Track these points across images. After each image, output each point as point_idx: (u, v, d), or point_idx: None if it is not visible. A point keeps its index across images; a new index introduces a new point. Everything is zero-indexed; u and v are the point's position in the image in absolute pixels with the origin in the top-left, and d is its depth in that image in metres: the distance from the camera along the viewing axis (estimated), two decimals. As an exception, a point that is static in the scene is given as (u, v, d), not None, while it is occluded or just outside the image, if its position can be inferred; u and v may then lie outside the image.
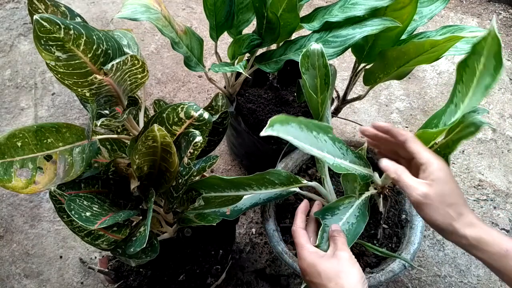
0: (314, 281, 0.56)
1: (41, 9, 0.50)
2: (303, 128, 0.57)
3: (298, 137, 0.55)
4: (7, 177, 0.53)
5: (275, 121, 0.54)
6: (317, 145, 0.58)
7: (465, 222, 0.52)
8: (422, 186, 0.53)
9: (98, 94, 0.54)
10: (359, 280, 0.55)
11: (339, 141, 0.63)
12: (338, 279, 0.54)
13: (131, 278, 0.85)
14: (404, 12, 0.74)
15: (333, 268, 0.55)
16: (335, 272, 0.55)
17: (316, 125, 0.60)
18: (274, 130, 0.53)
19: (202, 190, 0.73)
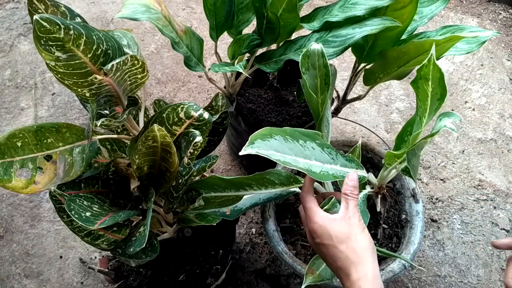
0: (325, 243, 0.57)
1: (41, 9, 0.50)
2: (288, 139, 0.58)
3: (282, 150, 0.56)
4: (7, 177, 0.53)
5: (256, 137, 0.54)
6: (304, 153, 0.59)
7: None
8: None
9: (98, 94, 0.54)
10: (368, 244, 0.56)
11: (327, 146, 0.63)
12: (349, 241, 0.55)
13: (131, 278, 0.85)
14: (404, 12, 0.74)
15: (345, 231, 0.56)
16: (347, 234, 0.56)
17: (303, 133, 0.60)
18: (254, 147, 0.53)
19: (202, 190, 0.73)
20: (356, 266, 0.54)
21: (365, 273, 0.53)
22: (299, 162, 0.57)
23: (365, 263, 0.54)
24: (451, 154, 1.31)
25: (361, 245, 0.56)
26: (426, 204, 1.21)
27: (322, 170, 0.59)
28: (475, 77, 1.50)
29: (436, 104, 0.56)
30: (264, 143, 0.55)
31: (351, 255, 0.55)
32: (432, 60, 0.53)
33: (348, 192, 0.59)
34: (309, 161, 0.58)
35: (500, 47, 1.58)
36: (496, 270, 1.10)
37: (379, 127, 1.38)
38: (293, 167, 0.56)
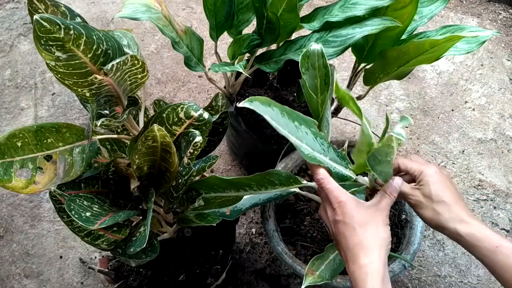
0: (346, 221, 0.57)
1: (41, 9, 0.50)
2: (285, 115, 0.58)
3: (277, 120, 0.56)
4: (7, 177, 0.53)
5: (256, 99, 0.54)
6: (296, 134, 0.58)
7: (456, 219, 0.57)
8: (413, 190, 0.62)
9: (98, 94, 0.54)
10: (385, 239, 0.56)
11: (321, 137, 0.63)
12: (368, 227, 0.56)
13: (131, 278, 0.85)
14: (405, 12, 0.74)
15: (368, 217, 0.57)
16: (369, 221, 0.56)
17: (300, 117, 0.60)
18: (252, 105, 0.54)
19: (202, 190, 0.73)
20: (367, 252, 0.55)
21: (374, 260, 0.54)
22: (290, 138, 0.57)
23: (376, 252, 0.55)
24: (451, 154, 1.31)
25: (378, 236, 0.56)
26: (426, 204, 1.21)
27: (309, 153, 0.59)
28: (475, 77, 1.50)
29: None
30: (262, 107, 0.55)
31: (365, 240, 0.55)
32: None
33: (388, 191, 0.60)
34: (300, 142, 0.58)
35: (500, 47, 1.58)
36: (496, 270, 1.10)
37: (379, 127, 1.38)
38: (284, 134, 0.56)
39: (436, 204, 0.59)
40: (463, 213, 0.58)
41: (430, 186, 0.60)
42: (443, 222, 0.58)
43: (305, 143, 0.59)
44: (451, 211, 0.58)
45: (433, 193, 0.59)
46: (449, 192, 0.60)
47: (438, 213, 0.58)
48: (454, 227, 0.57)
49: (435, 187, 0.60)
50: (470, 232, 0.56)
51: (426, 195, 0.60)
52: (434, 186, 0.60)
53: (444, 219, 0.58)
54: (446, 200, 0.59)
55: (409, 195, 0.62)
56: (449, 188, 0.60)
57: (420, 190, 0.61)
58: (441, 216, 0.58)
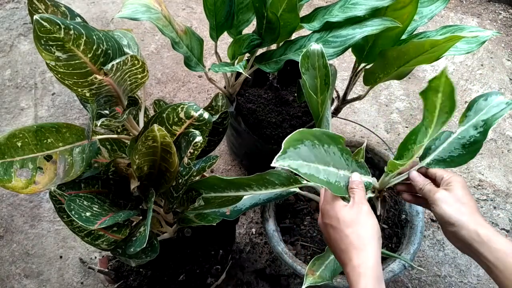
0: (332, 225, 0.61)
1: (41, 9, 0.50)
2: (315, 144, 0.60)
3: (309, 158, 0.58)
4: (7, 177, 0.53)
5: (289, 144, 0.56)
6: (325, 160, 0.61)
7: (476, 221, 0.59)
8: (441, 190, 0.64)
9: (98, 94, 0.54)
10: (375, 232, 0.58)
11: (346, 152, 0.65)
12: (355, 226, 0.58)
13: (131, 278, 0.85)
14: (405, 12, 0.74)
15: (353, 217, 0.59)
16: (354, 220, 0.59)
17: (329, 136, 0.62)
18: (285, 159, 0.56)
19: (202, 190, 0.73)
20: (358, 252, 0.56)
21: (366, 260, 0.55)
22: (320, 172, 0.59)
23: (367, 250, 0.56)
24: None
25: (367, 232, 0.58)
26: (426, 204, 1.21)
27: (336, 180, 0.62)
28: (475, 77, 1.50)
29: (443, 117, 0.57)
30: (295, 152, 0.57)
31: (355, 240, 0.57)
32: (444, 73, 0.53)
33: (353, 186, 0.63)
34: (327, 167, 0.61)
35: (500, 47, 1.58)
36: (496, 270, 1.10)
37: (379, 127, 1.38)
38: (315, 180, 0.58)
39: (462, 204, 0.61)
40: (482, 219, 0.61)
41: (460, 189, 0.63)
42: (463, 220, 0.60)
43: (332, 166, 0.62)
44: (473, 214, 0.60)
45: (461, 194, 0.62)
46: (473, 200, 0.63)
47: (462, 212, 0.60)
48: (474, 227, 0.58)
49: (463, 191, 0.63)
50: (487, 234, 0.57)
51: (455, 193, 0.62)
52: (463, 189, 0.63)
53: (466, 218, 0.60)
54: (470, 204, 0.62)
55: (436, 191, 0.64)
56: (472, 197, 0.64)
57: (448, 190, 0.63)
58: (463, 215, 0.60)
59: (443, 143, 0.68)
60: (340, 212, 0.60)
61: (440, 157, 0.67)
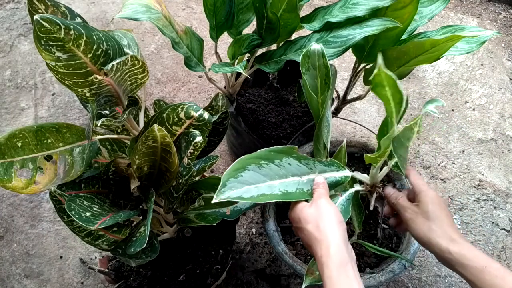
0: (298, 226, 0.63)
1: (41, 9, 0.50)
2: (262, 165, 0.62)
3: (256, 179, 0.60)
4: (7, 177, 0.53)
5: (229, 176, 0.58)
6: (279, 174, 0.63)
7: (449, 238, 0.60)
8: (410, 209, 0.66)
9: (98, 94, 0.54)
10: (334, 219, 0.60)
11: (304, 158, 0.67)
12: (316, 221, 0.60)
13: (131, 278, 0.85)
14: (405, 12, 0.74)
15: (312, 213, 0.61)
16: (314, 216, 0.60)
17: (278, 151, 0.64)
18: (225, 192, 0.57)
19: (202, 190, 0.73)
20: (321, 244, 0.58)
21: (327, 249, 0.56)
22: (274, 187, 0.61)
23: (328, 239, 0.57)
24: (451, 154, 1.31)
25: (326, 222, 0.59)
26: (426, 204, 1.21)
27: (297, 188, 0.64)
28: (475, 77, 1.50)
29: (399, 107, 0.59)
30: (237, 181, 0.59)
31: (316, 233, 0.59)
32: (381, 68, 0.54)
33: (315, 187, 0.65)
34: (285, 179, 0.63)
35: (500, 47, 1.58)
36: (496, 270, 1.10)
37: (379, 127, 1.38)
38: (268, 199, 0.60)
39: (432, 221, 0.62)
40: (455, 234, 0.61)
41: (429, 204, 0.64)
42: (435, 239, 0.61)
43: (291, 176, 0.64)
44: (444, 230, 0.61)
45: (430, 211, 0.63)
46: (444, 213, 0.63)
47: (432, 230, 0.61)
48: (446, 245, 0.59)
49: (433, 207, 0.63)
50: (460, 251, 0.58)
51: (424, 211, 0.64)
52: (432, 205, 0.64)
53: (437, 236, 0.61)
54: (441, 219, 0.62)
55: (407, 208, 0.66)
56: (444, 210, 0.64)
57: (418, 206, 0.65)
58: (434, 233, 0.61)
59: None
60: (302, 213, 0.62)
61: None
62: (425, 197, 0.65)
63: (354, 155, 0.98)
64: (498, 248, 1.14)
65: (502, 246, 1.14)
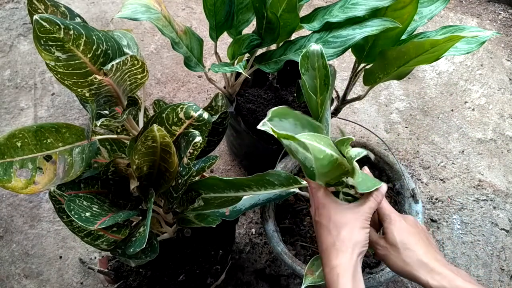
0: (323, 222, 0.58)
1: (40, 9, 0.50)
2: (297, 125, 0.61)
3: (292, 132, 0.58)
4: (6, 177, 0.53)
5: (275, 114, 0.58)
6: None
7: (426, 269, 0.54)
8: (380, 239, 0.60)
9: (98, 94, 0.54)
10: (361, 241, 0.56)
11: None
12: (344, 230, 0.56)
13: (131, 278, 0.85)
14: (405, 12, 0.74)
15: (345, 220, 0.56)
16: (345, 224, 0.56)
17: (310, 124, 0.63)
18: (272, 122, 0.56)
19: (202, 190, 0.73)
20: (338, 254, 0.55)
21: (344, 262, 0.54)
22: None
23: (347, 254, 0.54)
24: (450, 154, 1.31)
25: (352, 238, 0.55)
26: (425, 204, 1.21)
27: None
28: (474, 77, 1.50)
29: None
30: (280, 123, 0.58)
31: (338, 243, 0.55)
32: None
33: (374, 195, 0.59)
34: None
35: (500, 47, 1.58)
36: (496, 270, 1.10)
37: (378, 127, 1.38)
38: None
39: (404, 252, 0.56)
40: (432, 261, 0.55)
41: (395, 234, 0.58)
42: (413, 273, 0.55)
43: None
44: (420, 261, 0.55)
45: (398, 241, 0.57)
46: (415, 240, 0.57)
47: (407, 263, 0.56)
48: (425, 278, 0.54)
49: (400, 235, 0.57)
50: (441, 285, 0.53)
51: (392, 243, 0.58)
52: (399, 235, 0.57)
53: (413, 269, 0.55)
54: (413, 249, 0.56)
55: (377, 244, 0.60)
56: (415, 236, 0.58)
57: (386, 238, 0.59)
58: (410, 267, 0.55)
59: None
60: (334, 213, 0.58)
61: None
62: (389, 226, 0.59)
63: (354, 155, 0.98)
64: (498, 248, 1.14)
65: (502, 246, 1.14)
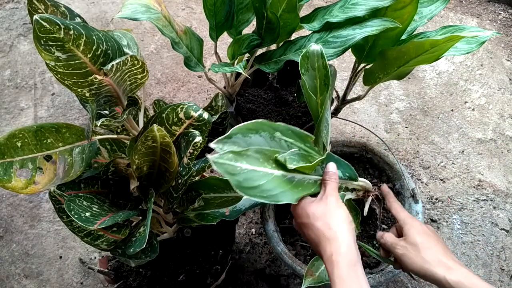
0: (304, 222, 0.61)
1: (40, 9, 0.50)
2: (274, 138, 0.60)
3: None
4: (7, 177, 0.53)
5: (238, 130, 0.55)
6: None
7: (445, 266, 0.58)
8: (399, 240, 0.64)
9: (98, 94, 0.54)
10: (344, 219, 0.59)
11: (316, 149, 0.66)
12: (325, 218, 0.58)
13: (131, 278, 0.85)
14: (405, 12, 0.74)
15: (321, 209, 0.60)
16: (323, 212, 0.59)
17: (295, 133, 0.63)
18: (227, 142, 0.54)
19: (202, 190, 0.73)
20: (330, 242, 0.57)
21: (337, 248, 0.56)
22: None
23: (339, 238, 0.56)
24: (450, 154, 1.31)
25: (336, 221, 0.58)
26: (425, 204, 1.21)
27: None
28: (474, 77, 1.50)
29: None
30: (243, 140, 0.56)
31: (326, 231, 0.58)
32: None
33: (326, 177, 0.63)
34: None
35: (500, 47, 1.58)
36: (496, 270, 1.10)
37: (378, 127, 1.38)
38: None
39: (424, 251, 0.60)
40: (450, 261, 0.59)
41: (416, 235, 0.62)
42: (431, 270, 0.58)
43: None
44: (439, 259, 0.59)
45: (419, 242, 0.61)
46: (434, 242, 0.62)
47: (426, 261, 0.59)
48: (443, 274, 0.57)
49: (421, 237, 0.62)
50: (458, 280, 0.56)
51: (413, 243, 0.62)
52: (420, 236, 0.62)
53: (432, 266, 0.59)
54: (432, 249, 0.60)
55: (396, 245, 0.64)
56: (433, 238, 0.62)
57: (406, 239, 0.63)
58: (429, 264, 0.59)
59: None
60: (309, 208, 0.60)
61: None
62: (410, 229, 0.63)
63: (354, 156, 0.98)
64: (498, 248, 1.14)
65: (502, 246, 1.14)
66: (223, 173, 0.53)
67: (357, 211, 0.77)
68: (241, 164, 0.55)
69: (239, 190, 0.54)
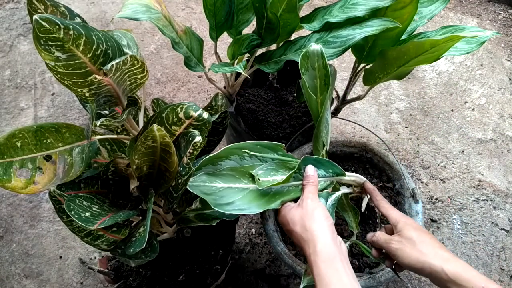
0: (287, 229, 0.63)
1: (40, 9, 0.50)
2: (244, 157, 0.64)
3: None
4: (6, 177, 0.53)
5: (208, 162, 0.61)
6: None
7: (442, 258, 0.58)
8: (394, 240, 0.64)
9: (98, 94, 0.54)
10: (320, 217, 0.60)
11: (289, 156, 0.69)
12: (303, 222, 0.60)
13: (131, 278, 0.85)
14: (405, 12, 0.74)
15: (298, 214, 0.62)
16: (300, 217, 0.61)
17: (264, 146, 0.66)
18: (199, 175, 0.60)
19: (202, 190, 0.73)
20: (308, 243, 0.58)
21: (314, 247, 0.57)
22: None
23: (314, 237, 0.58)
24: (450, 154, 1.31)
25: (312, 222, 0.60)
26: (425, 204, 1.21)
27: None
28: (474, 77, 1.50)
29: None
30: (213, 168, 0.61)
31: (303, 234, 0.59)
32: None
33: (304, 182, 0.65)
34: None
35: (500, 47, 1.58)
36: (496, 270, 1.10)
37: (378, 127, 1.38)
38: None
39: (420, 244, 0.60)
40: (447, 253, 0.59)
41: (411, 230, 0.62)
42: (428, 262, 0.58)
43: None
44: (436, 251, 0.59)
45: (414, 236, 0.61)
46: (429, 236, 0.62)
47: (423, 253, 0.59)
48: (440, 265, 0.57)
49: (416, 232, 0.62)
50: (456, 271, 0.56)
51: (408, 237, 0.62)
52: (414, 231, 0.62)
53: (429, 258, 0.58)
54: (429, 242, 0.60)
55: (391, 240, 0.64)
56: (428, 234, 0.63)
57: (401, 235, 0.63)
58: (426, 256, 0.58)
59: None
60: (288, 215, 0.62)
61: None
62: (405, 226, 0.63)
63: (354, 156, 0.98)
64: (498, 248, 1.14)
65: (502, 246, 1.14)
66: (199, 194, 0.58)
67: (356, 211, 0.77)
68: (215, 184, 0.60)
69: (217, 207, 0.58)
